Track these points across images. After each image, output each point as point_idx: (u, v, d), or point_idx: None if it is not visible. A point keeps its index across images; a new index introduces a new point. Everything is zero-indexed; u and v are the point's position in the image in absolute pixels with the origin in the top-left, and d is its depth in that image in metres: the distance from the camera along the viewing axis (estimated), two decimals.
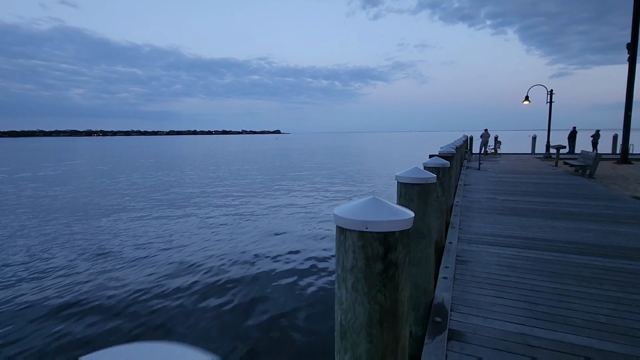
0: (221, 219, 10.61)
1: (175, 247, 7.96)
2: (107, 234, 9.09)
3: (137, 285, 5.97)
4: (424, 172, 2.90)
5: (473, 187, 9.21)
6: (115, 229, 9.47)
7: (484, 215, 6.10)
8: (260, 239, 8.52)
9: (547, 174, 11.81)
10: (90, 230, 9.45)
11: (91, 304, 5.33)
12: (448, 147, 6.78)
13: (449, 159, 5.38)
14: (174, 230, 9.41)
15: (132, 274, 6.45)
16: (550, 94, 17.45)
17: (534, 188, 8.91)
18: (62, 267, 6.84)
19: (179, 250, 7.71)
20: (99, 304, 5.33)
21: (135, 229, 9.50)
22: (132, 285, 5.95)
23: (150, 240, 8.46)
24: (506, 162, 16.06)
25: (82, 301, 5.42)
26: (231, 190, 16.02)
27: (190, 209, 12.07)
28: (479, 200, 7.49)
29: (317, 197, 13.93)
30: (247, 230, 9.32)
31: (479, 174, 12.04)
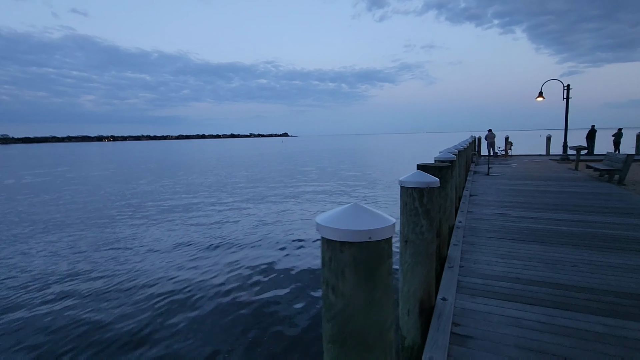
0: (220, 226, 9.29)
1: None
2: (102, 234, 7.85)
3: (145, 290, 6.00)
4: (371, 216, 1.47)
5: (481, 198, 7.70)
6: (110, 233, 8.25)
7: (494, 243, 4.61)
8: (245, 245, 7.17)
9: (568, 180, 10.20)
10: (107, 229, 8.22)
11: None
12: (446, 153, 5.31)
13: (442, 172, 3.91)
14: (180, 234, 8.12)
15: (136, 276, 6.57)
16: (567, 89, 15.81)
17: (555, 199, 7.36)
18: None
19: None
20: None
21: (132, 234, 8.30)
22: (135, 290, 6.04)
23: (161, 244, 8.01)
24: (519, 166, 14.44)
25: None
26: (224, 196, 14.75)
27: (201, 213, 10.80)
28: (488, 217, 5.98)
29: (303, 207, 12.55)
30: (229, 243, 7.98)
31: (488, 180, 10.50)
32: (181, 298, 5.66)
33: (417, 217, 2.66)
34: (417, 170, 2.79)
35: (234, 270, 6.81)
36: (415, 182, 2.66)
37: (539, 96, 16.67)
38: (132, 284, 6.27)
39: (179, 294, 5.81)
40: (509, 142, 19.47)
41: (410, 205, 2.68)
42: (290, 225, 10.12)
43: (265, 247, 8.18)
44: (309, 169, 27.66)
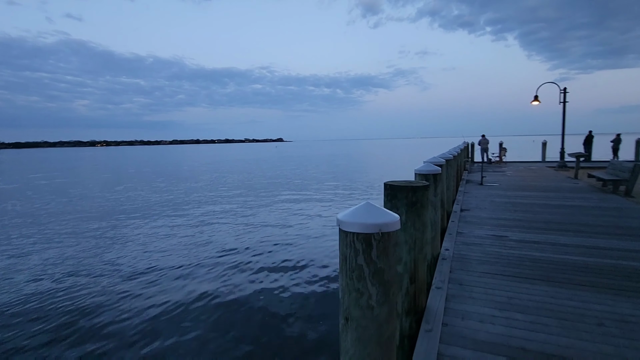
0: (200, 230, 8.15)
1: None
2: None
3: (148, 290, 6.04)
4: None
5: (473, 214, 6.67)
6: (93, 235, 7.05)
7: (489, 282, 3.56)
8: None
9: (570, 190, 9.24)
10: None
11: None
12: (428, 165, 4.26)
13: (417, 194, 2.85)
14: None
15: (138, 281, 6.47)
16: (563, 92, 14.98)
17: (558, 216, 6.35)
18: None
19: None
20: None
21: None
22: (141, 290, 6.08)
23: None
24: (514, 174, 13.50)
25: None
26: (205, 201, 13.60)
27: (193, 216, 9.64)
28: (481, 241, 4.94)
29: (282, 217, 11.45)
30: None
31: (481, 191, 9.50)
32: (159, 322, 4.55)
33: (362, 282, 1.61)
34: (364, 203, 1.72)
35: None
36: (361, 225, 1.59)
37: (535, 100, 15.82)
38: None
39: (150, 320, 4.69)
40: (503, 148, 18.60)
41: (351, 261, 1.62)
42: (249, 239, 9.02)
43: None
44: (290, 175, 26.60)
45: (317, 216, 12.03)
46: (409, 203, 2.74)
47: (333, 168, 32.74)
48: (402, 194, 2.74)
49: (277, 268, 7.21)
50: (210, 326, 4.97)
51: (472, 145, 19.97)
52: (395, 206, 2.78)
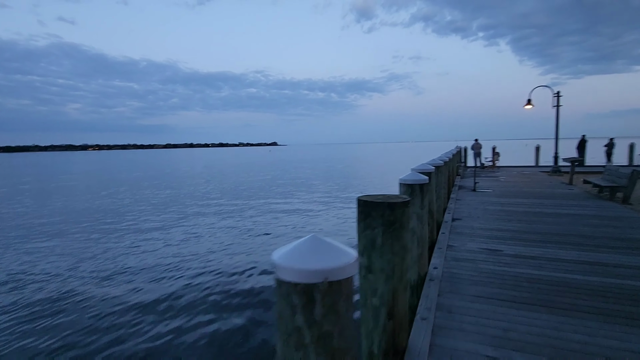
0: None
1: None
2: None
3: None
4: None
5: (465, 224, 6.24)
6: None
7: (483, 310, 3.11)
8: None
9: (565, 197, 8.88)
10: None
11: None
12: (414, 174, 3.81)
13: (395, 212, 2.37)
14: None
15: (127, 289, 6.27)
16: (557, 96, 14.74)
17: (555, 226, 5.95)
18: None
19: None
20: None
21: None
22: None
23: None
24: (508, 179, 13.16)
25: None
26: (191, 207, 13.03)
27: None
28: (474, 256, 4.50)
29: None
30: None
31: (474, 198, 9.10)
32: None
33: (301, 351, 1.14)
34: (309, 237, 1.25)
35: None
36: (299, 272, 1.12)
37: (528, 104, 15.56)
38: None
39: None
40: (496, 153, 18.31)
41: (287, 321, 1.16)
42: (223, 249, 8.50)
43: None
44: (279, 180, 26.10)
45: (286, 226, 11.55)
46: (386, 223, 2.28)
47: (322, 172, 32.31)
48: (378, 211, 2.29)
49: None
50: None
51: (465, 150, 19.67)
52: (369, 226, 2.32)
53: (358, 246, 2.43)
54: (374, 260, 2.34)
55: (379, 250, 2.31)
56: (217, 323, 5.12)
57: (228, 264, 7.72)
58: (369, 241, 2.34)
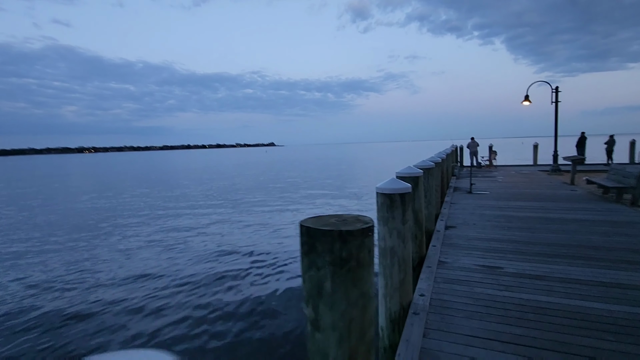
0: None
1: None
2: None
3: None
4: None
5: (460, 233, 5.54)
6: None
7: (479, 357, 2.40)
8: None
9: (568, 199, 8.20)
10: None
11: None
12: (392, 182, 3.09)
13: (348, 246, 1.64)
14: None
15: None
16: (555, 92, 14.10)
17: (562, 235, 5.25)
18: None
19: None
20: None
21: None
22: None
23: None
24: (506, 179, 12.49)
25: None
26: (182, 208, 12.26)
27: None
28: (469, 276, 3.80)
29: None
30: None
31: (470, 201, 8.41)
32: None
33: None
34: None
35: None
36: None
37: (525, 100, 14.91)
38: None
39: None
40: (493, 152, 17.66)
41: None
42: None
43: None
44: (271, 181, 25.35)
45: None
46: (336, 260, 1.56)
47: (316, 173, 31.58)
48: (325, 244, 1.56)
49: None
50: None
51: (460, 149, 19.02)
52: (313, 264, 1.60)
53: (302, 292, 1.71)
54: (323, 314, 1.61)
55: (328, 299, 1.59)
56: None
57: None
58: (315, 286, 1.61)
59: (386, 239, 2.98)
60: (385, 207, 2.95)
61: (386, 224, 2.97)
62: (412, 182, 4.16)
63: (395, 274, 2.98)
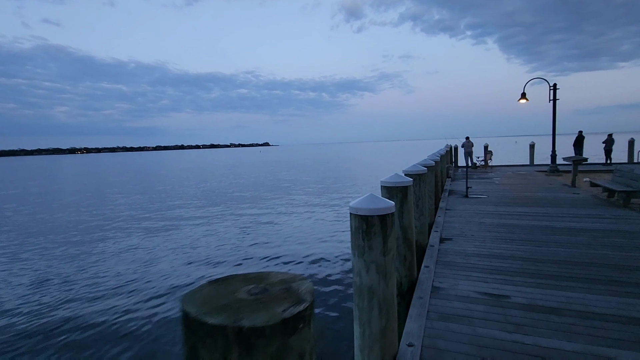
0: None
1: None
2: None
3: None
4: None
5: (456, 247, 4.85)
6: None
7: None
8: None
9: (572, 204, 7.56)
10: None
11: None
12: (373, 199, 2.36)
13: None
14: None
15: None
16: (553, 89, 13.51)
17: (572, 249, 4.58)
18: None
19: None
20: None
21: None
22: None
23: None
24: (503, 180, 11.87)
25: None
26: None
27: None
28: (470, 311, 3.09)
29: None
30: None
31: (467, 206, 7.74)
32: None
33: None
34: None
35: None
36: None
37: (522, 98, 14.32)
38: None
39: None
40: (488, 152, 17.07)
41: None
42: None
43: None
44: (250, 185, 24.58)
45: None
46: None
47: (304, 175, 30.85)
48: (213, 350, 0.83)
49: None
50: None
51: (455, 149, 18.41)
52: None
53: None
54: None
55: None
56: None
57: None
58: None
59: (362, 275, 2.27)
60: (361, 233, 2.23)
61: (362, 256, 2.25)
62: (400, 194, 3.46)
63: (374, 320, 2.27)
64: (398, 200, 3.48)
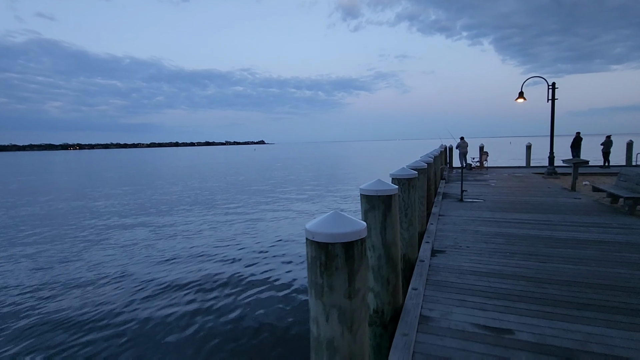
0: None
1: None
2: None
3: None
4: None
5: (449, 262, 4.25)
6: None
7: None
8: None
9: (574, 210, 7.02)
10: None
11: None
12: (342, 220, 1.74)
13: None
14: None
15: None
16: (552, 88, 13.00)
17: (582, 267, 4.01)
18: None
19: None
20: None
21: None
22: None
23: None
24: (499, 183, 11.34)
25: None
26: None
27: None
28: (464, 350, 2.49)
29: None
30: None
31: (461, 212, 7.17)
32: None
33: None
34: None
35: None
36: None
37: (520, 97, 13.80)
38: None
39: None
40: (484, 152, 16.56)
41: None
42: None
43: None
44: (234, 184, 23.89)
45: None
46: None
47: (294, 176, 30.19)
48: None
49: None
50: None
51: (450, 149, 17.89)
52: None
53: None
54: None
55: None
56: None
57: None
58: None
59: (319, 324, 1.65)
60: (318, 266, 1.61)
61: (319, 297, 1.63)
62: (383, 204, 2.85)
63: None
64: (380, 212, 2.87)
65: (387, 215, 2.88)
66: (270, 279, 6.85)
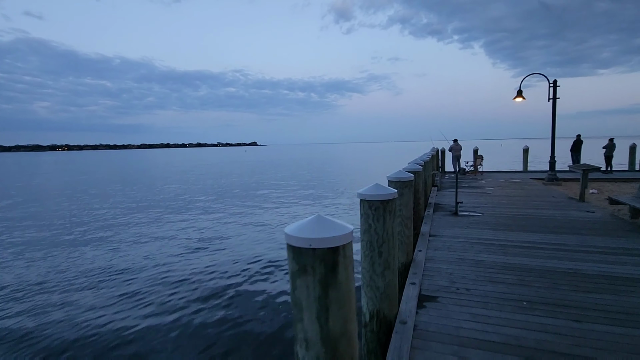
0: None
1: None
2: None
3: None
4: None
5: (441, 323, 2.94)
6: None
7: None
8: None
9: (591, 228, 5.77)
10: None
11: None
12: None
13: None
14: None
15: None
16: (553, 86, 11.88)
17: (630, 325, 2.74)
18: None
19: None
20: None
21: None
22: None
23: None
24: (497, 191, 10.11)
25: None
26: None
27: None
28: None
29: None
30: None
31: (457, 230, 5.88)
32: None
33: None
34: None
35: None
36: None
37: (518, 96, 12.65)
38: None
39: None
40: (479, 156, 15.38)
41: None
42: None
43: None
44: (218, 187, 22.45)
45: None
46: None
47: (279, 180, 28.82)
48: None
49: None
50: None
51: (442, 153, 16.68)
52: None
53: None
54: None
55: None
56: None
57: None
58: None
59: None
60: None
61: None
62: (322, 265, 1.51)
63: None
64: (316, 279, 1.52)
65: (329, 283, 1.53)
66: (258, 281, 5.89)
